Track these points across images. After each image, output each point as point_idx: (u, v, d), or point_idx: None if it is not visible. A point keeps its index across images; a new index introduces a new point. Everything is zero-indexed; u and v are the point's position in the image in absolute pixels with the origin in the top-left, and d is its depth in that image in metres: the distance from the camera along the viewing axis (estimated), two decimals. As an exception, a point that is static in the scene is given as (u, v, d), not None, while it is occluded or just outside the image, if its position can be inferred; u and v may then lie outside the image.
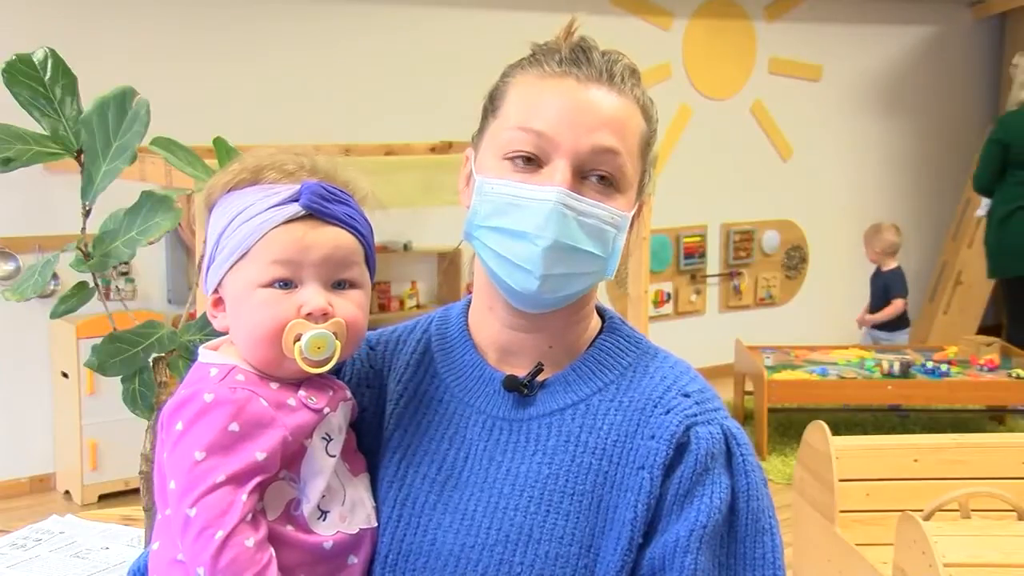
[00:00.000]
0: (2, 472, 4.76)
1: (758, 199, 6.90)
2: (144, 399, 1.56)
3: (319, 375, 1.06)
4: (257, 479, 0.98)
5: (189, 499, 0.97)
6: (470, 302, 1.18)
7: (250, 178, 1.07)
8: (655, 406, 1.07)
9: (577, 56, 1.06)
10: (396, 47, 5.60)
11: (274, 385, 1.04)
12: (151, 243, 1.57)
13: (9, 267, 4.70)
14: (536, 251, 1.02)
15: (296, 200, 1.04)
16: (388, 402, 1.16)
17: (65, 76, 1.49)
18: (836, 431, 3.26)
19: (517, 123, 1.05)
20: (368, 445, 1.14)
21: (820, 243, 6.50)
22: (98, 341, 1.55)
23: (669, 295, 6.66)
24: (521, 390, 1.10)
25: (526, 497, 1.05)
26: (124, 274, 4.88)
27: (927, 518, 2.64)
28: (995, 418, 5.72)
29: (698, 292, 6.79)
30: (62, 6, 4.70)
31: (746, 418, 5.60)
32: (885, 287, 5.90)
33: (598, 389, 1.10)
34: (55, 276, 3.82)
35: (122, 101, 1.48)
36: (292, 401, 1.04)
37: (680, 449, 1.04)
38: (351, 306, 1.06)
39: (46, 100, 1.48)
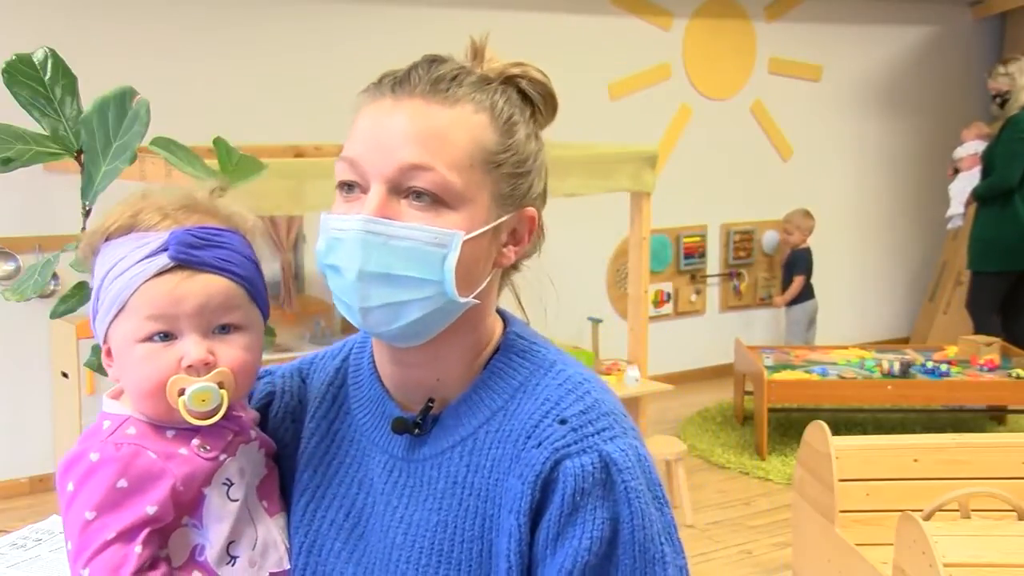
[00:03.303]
0: (2, 472, 4.76)
1: (758, 199, 6.89)
2: (144, 399, 1.56)
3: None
4: (148, 530, 0.98)
5: (82, 560, 0.97)
6: None
7: (127, 224, 1.04)
8: (528, 438, 0.99)
9: (408, 73, 1.01)
10: (396, 47, 5.58)
11: (170, 433, 1.03)
12: (151, 243, 1.57)
13: (9, 267, 4.69)
14: (348, 284, 0.98)
15: (166, 250, 1.01)
16: (302, 439, 1.12)
17: (65, 76, 1.49)
18: (836, 431, 3.25)
19: (342, 153, 1.01)
20: (285, 484, 1.12)
21: (820, 243, 6.49)
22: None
23: (669, 295, 6.66)
24: (412, 431, 1.04)
25: (417, 548, 1.01)
26: (124, 274, 4.87)
27: (927, 518, 2.64)
28: (995, 418, 5.71)
29: (698, 292, 6.79)
30: (62, 6, 4.70)
31: (746, 418, 5.60)
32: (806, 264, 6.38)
33: (485, 420, 1.03)
34: (55, 276, 3.82)
35: (122, 101, 1.48)
36: (184, 451, 1.02)
37: (547, 488, 0.97)
38: (236, 351, 1.03)
39: (46, 100, 1.48)
